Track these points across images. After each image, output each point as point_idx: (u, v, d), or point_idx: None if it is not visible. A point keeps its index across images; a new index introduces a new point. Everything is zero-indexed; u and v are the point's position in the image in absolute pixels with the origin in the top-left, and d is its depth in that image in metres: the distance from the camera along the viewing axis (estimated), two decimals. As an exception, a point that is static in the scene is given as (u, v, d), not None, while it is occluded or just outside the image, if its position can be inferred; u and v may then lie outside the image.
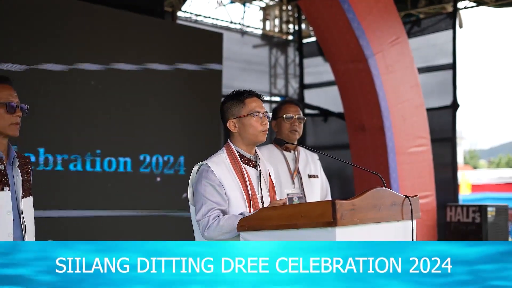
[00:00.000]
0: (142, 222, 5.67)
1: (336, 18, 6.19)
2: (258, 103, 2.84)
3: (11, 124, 2.58)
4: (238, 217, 2.61)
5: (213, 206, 2.68)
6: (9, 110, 2.56)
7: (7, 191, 2.56)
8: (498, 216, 6.65)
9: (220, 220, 2.64)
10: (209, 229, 2.65)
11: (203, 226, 2.67)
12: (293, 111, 3.90)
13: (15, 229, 2.57)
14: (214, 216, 2.66)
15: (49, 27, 5.18)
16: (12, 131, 2.60)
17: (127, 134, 5.62)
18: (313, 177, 3.88)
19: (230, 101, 2.86)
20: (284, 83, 9.59)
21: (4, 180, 2.57)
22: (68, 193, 5.19)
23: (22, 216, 2.61)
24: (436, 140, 7.08)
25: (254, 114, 2.80)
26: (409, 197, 2.68)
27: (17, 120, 2.59)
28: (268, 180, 2.87)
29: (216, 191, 2.70)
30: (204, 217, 2.67)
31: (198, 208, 2.71)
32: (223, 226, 2.62)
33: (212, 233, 2.64)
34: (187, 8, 8.36)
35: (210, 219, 2.65)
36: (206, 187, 2.70)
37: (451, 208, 6.83)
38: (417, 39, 8.09)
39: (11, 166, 2.62)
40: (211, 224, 2.65)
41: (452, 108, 7.70)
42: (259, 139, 2.82)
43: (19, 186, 2.62)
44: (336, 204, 2.31)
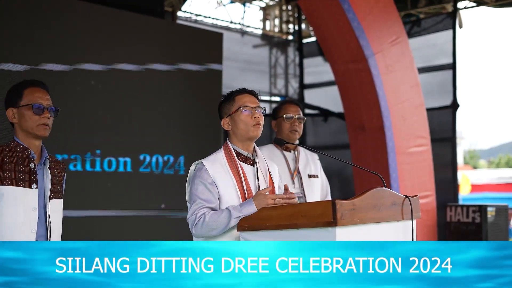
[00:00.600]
0: (142, 222, 5.66)
1: (336, 18, 6.19)
2: (249, 99, 2.84)
3: (39, 125, 2.72)
4: (223, 211, 2.63)
5: (202, 204, 2.70)
6: (35, 112, 2.71)
7: (35, 188, 2.70)
8: (498, 216, 6.65)
9: (206, 216, 2.65)
10: (196, 227, 2.67)
11: (191, 225, 2.70)
12: (293, 111, 3.90)
13: (39, 226, 2.70)
14: (200, 214, 2.68)
15: (49, 27, 5.18)
16: (40, 132, 2.73)
17: (127, 134, 5.62)
18: (313, 177, 3.89)
19: (223, 101, 2.90)
20: (284, 83, 9.59)
21: (33, 178, 2.71)
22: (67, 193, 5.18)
23: (49, 215, 2.74)
24: (436, 140, 7.08)
25: (242, 108, 2.80)
26: (409, 197, 2.68)
27: (44, 121, 2.73)
28: (267, 178, 2.87)
29: (207, 189, 2.71)
30: (192, 215, 2.70)
31: (188, 206, 2.76)
32: (208, 222, 2.64)
33: (199, 231, 2.67)
34: (187, 8, 8.36)
35: (197, 216, 2.68)
36: (198, 185, 2.73)
37: (451, 208, 6.83)
38: (417, 39, 8.09)
39: (42, 167, 2.77)
40: (198, 222, 2.67)
41: (452, 108, 7.70)
42: (251, 134, 2.81)
43: (47, 186, 2.76)
44: (337, 204, 2.31)
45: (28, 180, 2.69)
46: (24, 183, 2.67)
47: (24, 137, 2.75)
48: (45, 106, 2.75)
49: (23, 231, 2.65)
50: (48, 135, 2.77)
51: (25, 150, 2.73)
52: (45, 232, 2.73)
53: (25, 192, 2.67)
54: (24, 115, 2.72)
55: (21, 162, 2.70)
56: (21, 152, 2.72)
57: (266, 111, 2.92)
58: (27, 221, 2.66)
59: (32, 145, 2.75)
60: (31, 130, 2.72)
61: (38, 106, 2.72)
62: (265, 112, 2.91)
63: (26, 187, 2.67)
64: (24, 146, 2.73)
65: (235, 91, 2.89)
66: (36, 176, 2.72)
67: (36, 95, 2.75)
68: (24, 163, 2.70)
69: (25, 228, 2.65)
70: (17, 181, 2.65)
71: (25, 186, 2.67)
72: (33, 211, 2.68)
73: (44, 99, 2.77)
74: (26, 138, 2.75)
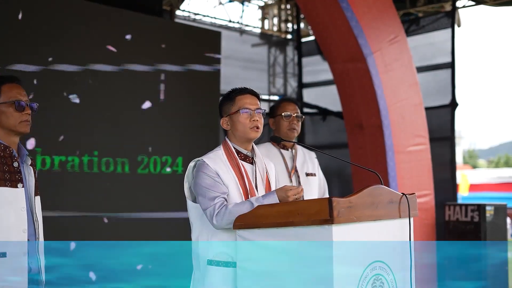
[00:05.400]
0: (141, 222, 5.64)
1: (334, 17, 6.18)
2: (249, 100, 2.83)
3: (21, 121, 2.69)
4: (245, 203, 2.61)
5: (217, 195, 2.67)
6: (18, 109, 2.69)
7: (21, 188, 2.67)
8: (497, 215, 6.63)
9: (227, 206, 2.63)
10: (217, 216, 2.63)
11: (210, 214, 2.65)
12: (291, 109, 3.89)
13: (29, 226, 2.68)
14: (220, 203, 2.65)
15: (46, 26, 5.16)
16: (22, 128, 2.70)
17: (125, 135, 5.59)
18: (310, 175, 3.88)
19: (223, 100, 2.88)
20: (282, 82, 9.59)
21: (18, 177, 2.67)
22: (65, 194, 5.17)
23: (35, 213, 2.72)
24: (434, 139, 7.07)
25: (242, 110, 2.79)
26: (407, 195, 2.67)
27: (27, 117, 2.72)
28: (264, 177, 2.87)
29: (216, 182, 2.70)
30: (210, 205, 2.66)
31: (201, 199, 2.70)
32: (232, 212, 2.60)
33: (220, 221, 2.63)
34: (185, 6, 8.36)
35: (217, 206, 2.64)
36: (206, 179, 2.70)
37: (450, 207, 6.81)
38: (416, 37, 8.08)
39: (23, 164, 2.74)
40: (219, 211, 2.63)
41: (451, 107, 7.69)
42: (249, 136, 2.80)
43: (31, 184, 2.74)
44: (333, 202, 2.30)
45: (14, 180, 2.65)
46: (10, 183, 2.63)
47: (3, 135, 2.70)
48: (26, 103, 2.72)
49: (16, 232, 2.62)
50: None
51: (6, 148, 2.68)
52: (34, 231, 2.70)
53: (13, 192, 2.63)
54: (4, 112, 2.68)
55: (4, 162, 2.65)
56: (2, 151, 2.67)
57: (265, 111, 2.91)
58: (18, 222, 2.63)
59: (12, 143, 2.71)
60: (13, 128, 2.68)
61: (20, 103, 2.69)
62: (265, 113, 2.91)
63: (12, 187, 2.63)
64: (5, 144, 2.69)
65: (236, 90, 2.87)
66: (21, 175, 2.69)
67: (14, 91, 2.72)
68: (7, 162, 2.65)
69: (17, 229, 2.62)
70: (4, 181, 2.61)
71: (11, 186, 2.63)
72: (22, 211, 2.64)
73: (22, 95, 2.74)
74: (6, 136, 2.70)
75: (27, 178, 2.73)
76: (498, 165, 45.11)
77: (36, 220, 2.72)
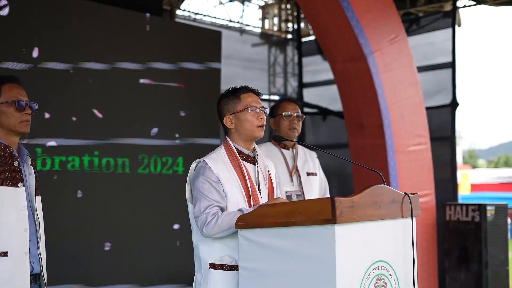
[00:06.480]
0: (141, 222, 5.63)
1: (334, 16, 6.17)
2: (254, 98, 2.82)
3: (21, 121, 2.72)
4: (236, 213, 2.59)
5: (211, 203, 2.66)
6: (18, 109, 2.70)
7: (21, 187, 2.68)
8: (498, 215, 6.62)
9: (218, 217, 2.62)
10: (207, 226, 2.62)
11: (201, 223, 2.64)
12: (291, 109, 3.89)
13: (30, 225, 2.69)
14: (212, 213, 2.64)
15: (46, 26, 5.15)
16: (23, 128, 2.72)
17: (125, 135, 5.58)
18: (311, 175, 3.87)
19: (226, 98, 2.85)
20: (283, 81, 9.58)
21: (19, 176, 2.69)
22: (65, 194, 5.15)
23: (36, 212, 2.73)
24: (435, 138, 7.06)
25: (249, 108, 2.78)
26: (409, 195, 2.66)
27: (27, 117, 2.74)
28: (267, 177, 2.85)
29: (214, 188, 2.68)
30: (202, 214, 2.65)
31: (195, 205, 2.69)
32: (222, 223, 2.60)
33: (210, 231, 2.63)
34: (185, 6, 8.35)
35: (209, 216, 2.63)
36: (204, 184, 2.68)
37: (450, 207, 6.80)
38: (416, 37, 8.07)
39: (24, 164, 2.75)
40: (210, 221, 2.62)
41: (452, 107, 7.68)
42: (256, 134, 2.80)
43: (32, 184, 2.76)
44: (336, 201, 2.29)
45: (14, 179, 2.66)
46: (11, 183, 2.64)
47: (4, 135, 2.71)
48: (26, 103, 2.74)
49: (18, 231, 2.63)
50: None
51: (6, 148, 2.70)
52: (35, 230, 2.72)
53: (14, 191, 2.64)
54: (5, 112, 2.69)
55: (4, 161, 2.66)
56: (2, 150, 2.68)
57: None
58: (19, 221, 2.64)
59: (12, 143, 2.73)
60: (14, 128, 2.70)
61: (21, 103, 2.70)
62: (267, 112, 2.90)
63: (13, 186, 2.64)
64: (5, 144, 2.70)
65: (240, 89, 2.85)
66: (21, 175, 2.70)
67: (15, 91, 2.74)
68: (7, 162, 2.67)
69: (19, 228, 2.64)
70: (5, 180, 2.63)
71: (12, 185, 2.64)
72: (23, 210, 2.65)
73: (22, 95, 2.75)
74: (6, 136, 2.71)
75: (27, 177, 2.74)
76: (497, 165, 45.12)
77: (37, 219, 2.73)
